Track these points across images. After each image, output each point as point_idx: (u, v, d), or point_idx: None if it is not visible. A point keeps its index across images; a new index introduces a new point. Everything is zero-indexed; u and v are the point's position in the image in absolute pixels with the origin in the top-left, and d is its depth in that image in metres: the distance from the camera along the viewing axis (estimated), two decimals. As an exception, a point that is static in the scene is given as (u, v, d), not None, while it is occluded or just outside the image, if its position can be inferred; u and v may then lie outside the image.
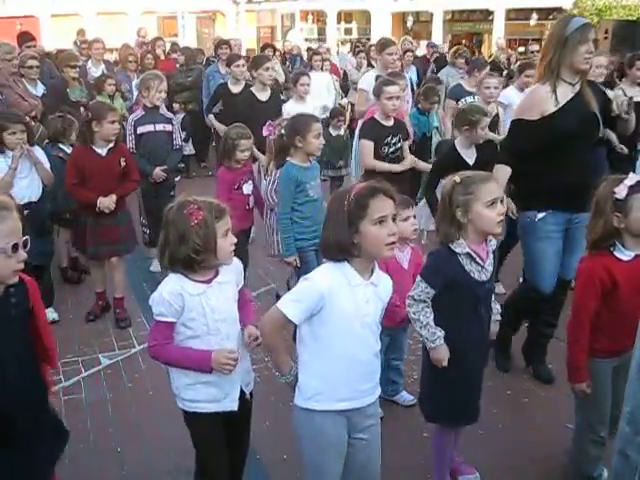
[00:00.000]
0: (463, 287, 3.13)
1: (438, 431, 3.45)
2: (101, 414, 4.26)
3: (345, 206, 2.57)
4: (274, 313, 2.68)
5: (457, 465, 3.60)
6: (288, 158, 4.74)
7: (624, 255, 3.09)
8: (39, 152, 5.40)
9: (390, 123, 5.80)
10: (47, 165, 5.39)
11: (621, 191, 3.01)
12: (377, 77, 6.58)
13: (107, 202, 5.22)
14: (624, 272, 3.08)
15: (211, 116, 8.43)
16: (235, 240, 2.83)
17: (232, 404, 2.91)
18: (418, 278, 3.21)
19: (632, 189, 3.00)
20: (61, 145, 6.03)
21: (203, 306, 2.77)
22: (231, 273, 2.89)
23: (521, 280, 5.20)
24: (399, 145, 5.84)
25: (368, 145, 5.74)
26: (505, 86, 8.24)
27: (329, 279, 2.61)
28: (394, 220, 2.63)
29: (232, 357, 2.77)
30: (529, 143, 4.05)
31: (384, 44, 7.48)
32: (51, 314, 5.57)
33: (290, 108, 7.63)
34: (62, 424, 2.99)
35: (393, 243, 2.62)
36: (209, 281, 2.79)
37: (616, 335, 3.17)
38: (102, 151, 5.27)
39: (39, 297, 2.74)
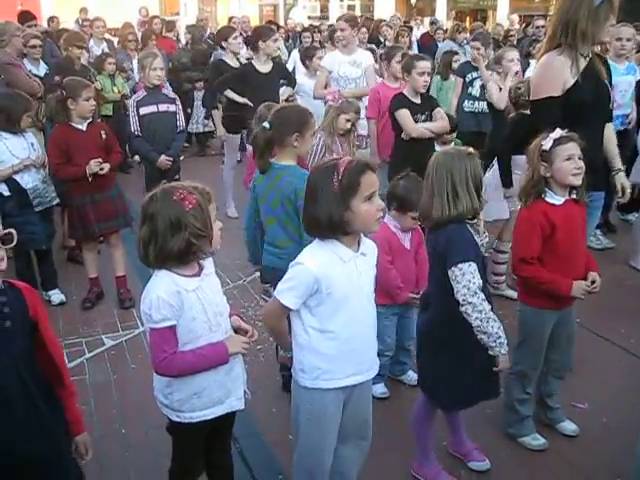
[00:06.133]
0: (477, 260, 3.07)
1: (423, 405, 3.39)
2: (105, 395, 4.23)
3: (335, 183, 2.52)
4: (273, 302, 2.69)
5: (469, 450, 3.56)
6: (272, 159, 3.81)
7: (555, 200, 3.40)
8: (29, 135, 5.37)
9: (418, 100, 5.55)
10: (37, 146, 5.38)
11: (547, 143, 3.34)
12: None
13: (93, 164, 5.12)
14: (560, 215, 3.38)
15: (228, 91, 7.55)
16: (221, 225, 2.64)
17: (238, 403, 2.76)
18: (459, 267, 2.97)
19: (557, 142, 3.33)
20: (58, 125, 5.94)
21: (202, 301, 2.57)
22: (210, 263, 2.70)
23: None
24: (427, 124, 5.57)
25: (406, 113, 5.44)
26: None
27: (320, 260, 2.58)
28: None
29: (246, 340, 2.69)
30: (551, 122, 3.66)
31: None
32: (58, 296, 5.56)
33: (302, 81, 8.08)
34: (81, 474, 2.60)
35: (380, 217, 2.63)
36: (199, 274, 2.61)
37: None
38: (82, 126, 5.22)
39: (40, 304, 2.36)
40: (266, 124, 3.74)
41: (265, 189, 3.80)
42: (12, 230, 2.11)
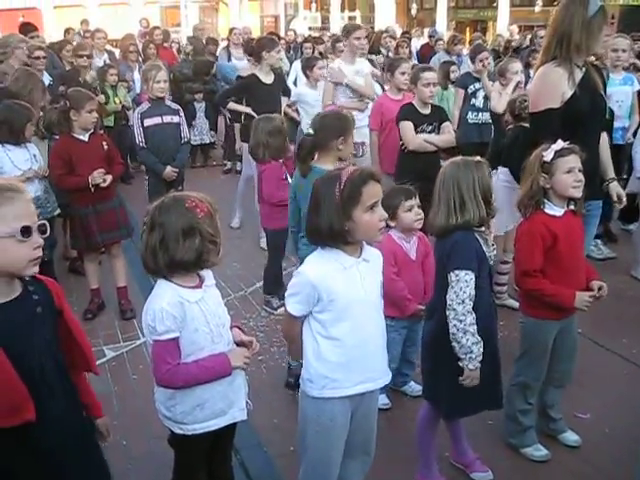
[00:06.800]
0: (483, 267, 3.08)
1: (426, 415, 3.39)
2: (106, 407, 4.14)
3: (337, 192, 2.53)
4: (285, 310, 2.73)
5: (471, 461, 3.55)
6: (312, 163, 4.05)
7: (555, 211, 3.39)
8: (32, 146, 5.36)
9: (427, 111, 5.60)
10: (39, 157, 5.37)
11: (548, 154, 3.32)
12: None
13: (96, 175, 5.13)
14: (560, 226, 3.36)
15: (230, 103, 7.76)
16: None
17: (240, 413, 2.75)
18: (455, 272, 3.01)
19: (558, 153, 3.31)
20: (57, 137, 5.93)
21: (204, 313, 2.57)
22: (210, 276, 2.69)
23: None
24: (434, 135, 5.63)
25: (409, 125, 5.51)
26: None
27: (319, 268, 2.60)
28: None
29: (248, 354, 2.70)
30: (551, 134, 3.63)
31: (350, 30, 7.17)
32: None
33: (302, 91, 8.14)
34: (105, 464, 2.59)
35: (383, 227, 2.63)
36: (200, 285, 2.61)
37: None
38: (84, 137, 5.24)
39: (63, 295, 2.41)
40: (310, 131, 4.05)
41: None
42: (45, 222, 2.21)
